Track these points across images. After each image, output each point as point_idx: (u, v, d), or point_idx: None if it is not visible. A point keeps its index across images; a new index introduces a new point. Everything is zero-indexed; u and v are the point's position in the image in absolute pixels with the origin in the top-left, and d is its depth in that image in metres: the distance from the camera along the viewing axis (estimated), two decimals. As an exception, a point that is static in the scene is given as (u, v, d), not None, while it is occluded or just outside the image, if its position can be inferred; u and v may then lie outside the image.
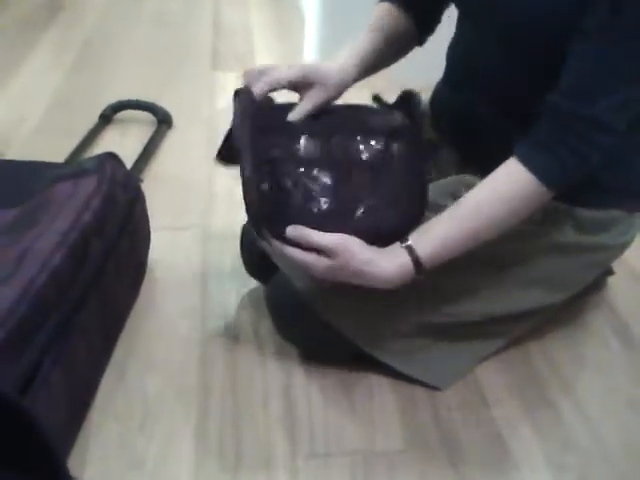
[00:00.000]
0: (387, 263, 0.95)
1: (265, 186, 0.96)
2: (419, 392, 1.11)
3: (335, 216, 0.95)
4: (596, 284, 1.28)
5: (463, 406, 1.09)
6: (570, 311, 1.27)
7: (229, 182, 1.61)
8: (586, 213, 1.08)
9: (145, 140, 1.71)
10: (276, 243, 0.97)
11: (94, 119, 1.80)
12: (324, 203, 0.95)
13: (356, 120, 1.03)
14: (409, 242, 0.95)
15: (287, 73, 1.01)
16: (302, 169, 0.96)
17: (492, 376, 1.15)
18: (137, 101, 1.85)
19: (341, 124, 1.01)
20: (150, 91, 1.94)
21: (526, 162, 0.93)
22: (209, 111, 1.92)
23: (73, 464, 0.95)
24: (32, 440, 0.61)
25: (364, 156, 0.98)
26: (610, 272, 1.31)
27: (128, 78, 2.07)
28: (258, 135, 0.97)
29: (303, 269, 0.97)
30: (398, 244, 0.96)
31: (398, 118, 1.03)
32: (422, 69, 1.41)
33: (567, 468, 1.01)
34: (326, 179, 0.96)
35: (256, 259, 1.22)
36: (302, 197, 0.95)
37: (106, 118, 1.80)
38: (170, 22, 2.53)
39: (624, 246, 1.16)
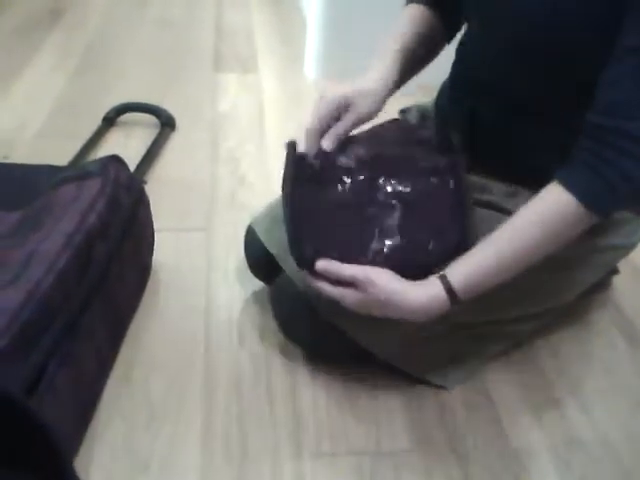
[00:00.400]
0: (418, 293, 0.92)
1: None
2: (425, 391, 1.11)
3: (363, 249, 0.96)
4: (602, 283, 1.28)
5: (469, 406, 1.09)
6: (576, 310, 1.27)
7: (232, 183, 1.61)
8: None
9: (148, 143, 1.71)
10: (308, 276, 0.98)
11: (97, 122, 1.80)
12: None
13: (400, 159, 1.05)
14: (443, 272, 0.93)
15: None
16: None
17: (498, 375, 1.15)
18: (140, 104, 1.86)
19: (385, 165, 1.04)
20: (153, 94, 1.95)
21: (565, 182, 0.89)
22: (212, 113, 1.92)
23: (79, 465, 0.95)
24: (39, 441, 0.61)
25: (404, 191, 1.00)
26: (615, 271, 1.31)
27: (131, 81, 2.07)
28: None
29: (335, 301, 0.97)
30: (433, 276, 0.94)
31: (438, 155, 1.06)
32: (428, 69, 1.41)
33: (572, 466, 1.01)
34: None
35: (260, 260, 1.21)
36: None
37: (109, 121, 1.81)
38: (172, 25, 2.53)
39: (632, 247, 1.16)
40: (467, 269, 0.93)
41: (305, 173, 1.03)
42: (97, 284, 1.01)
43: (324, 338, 1.10)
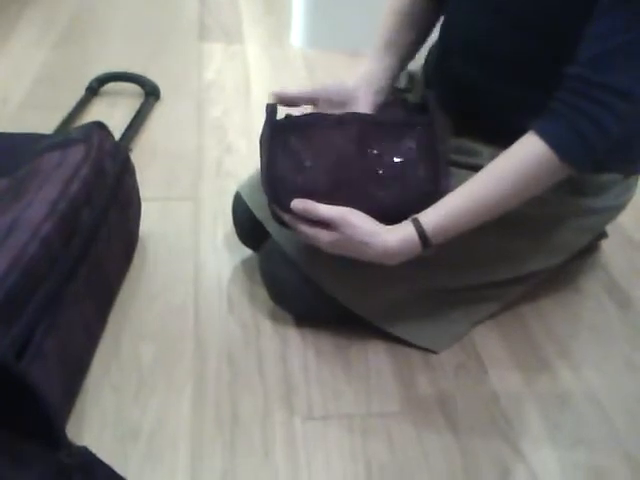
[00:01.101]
0: (391, 236, 0.93)
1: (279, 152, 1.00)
2: (415, 355, 1.11)
3: (343, 191, 0.97)
4: (590, 248, 1.28)
5: (459, 368, 1.10)
6: (564, 274, 1.27)
7: (219, 152, 1.60)
8: (582, 176, 1.07)
9: (133, 112, 1.69)
10: (286, 215, 0.98)
11: (81, 93, 1.77)
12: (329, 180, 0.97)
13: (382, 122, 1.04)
14: (416, 215, 0.94)
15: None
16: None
17: (488, 339, 1.15)
18: (124, 73, 1.83)
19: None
20: (137, 64, 1.92)
21: (540, 132, 0.90)
22: (197, 82, 1.90)
23: (69, 434, 0.94)
24: (29, 404, 0.60)
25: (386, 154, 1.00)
26: (604, 235, 1.31)
27: (114, 51, 2.04)
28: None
29: (310, 242, 0.97)
30: (406, 220, 0.94)
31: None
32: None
33: (563, 426, 1.02)
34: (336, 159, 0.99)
35: (248, 226, 1.21)
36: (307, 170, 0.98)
37: (92, 91, 1.78)
38: (155, -5, 2.49)
39: (619, 209, 1.16)
40: (439, 212, 0.93)
41: (285, 126, 1.01)
42: (83, 251, 1.00)
43: (313, 303, 1.10)
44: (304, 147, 1.00)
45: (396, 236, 0.93)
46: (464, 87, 1.07)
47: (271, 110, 1.03)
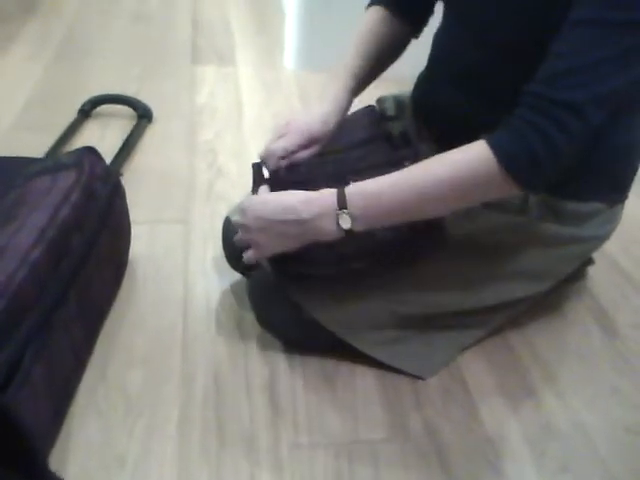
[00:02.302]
0: (295, 193, 0.97)
1: None
2: (402, 381, 1.11)
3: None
4: (577, 274, 1.29)
5: (446, 394, 1.10)
6: (551, 301, 1.28)
7: (210, 175, 1.61)
8: (567, 205, 1.08)
9: (125, 135, 1.70)
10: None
11: (73, 115, 1.78)
12: None
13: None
14: None
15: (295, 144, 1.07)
16: None
17: (474, 365, 1.16)
18: (116, 95, 1.84)
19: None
20: (129, 86, 1.93)
21: (489, 140, 0.88)
22: (189, 105, 1.91)
23: (55, 461, 0.94)
24: (12, 436, 0.60)
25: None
26: (590, 262, 1.32)
27: (107, 73, 2.06)
28: None
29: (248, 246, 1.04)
30: None
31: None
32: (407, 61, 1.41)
33: (548, 454, 1.02)
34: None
35: (238, 252, 1.21)
36: None
37: (85, 113, 1.79)
38: (149, 17, 2.51)
39: (604, 238, 1.17)
40: (366, 182, 0.93)
41: (274, 183, 1.05)
42: (73, 277, 1.01)
43: (301, 329, 1.11)
44: None
45: (303, 194, 0.96)
46: (452, 114, 1.09)
47: (257, 169, 1.08)
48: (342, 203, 0.92)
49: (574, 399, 1.12)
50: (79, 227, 1.06)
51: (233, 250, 1.24)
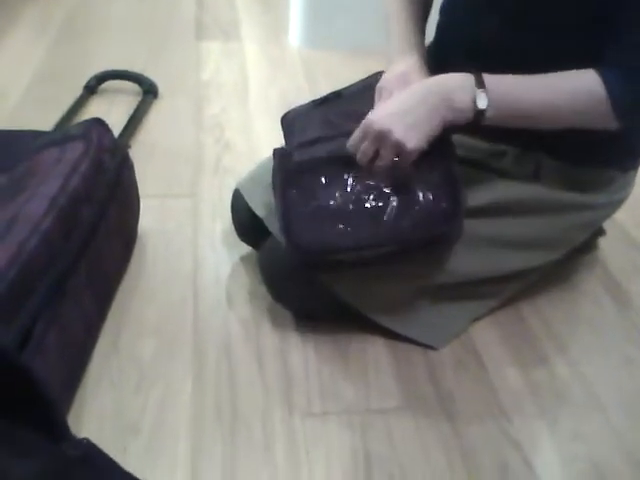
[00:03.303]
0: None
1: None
2: (414, 351, 1.11)
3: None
4: (588, 245, 1.28)
5: (458, 364, 1.10)
6: (562, 271, 1.28)
7: (217, 150, 1.60)
8: (581, 172, 1.08)
9: (131, 110, 1.69)
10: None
11: (79, 91, 1.77)
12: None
13: None
14: None
15: None
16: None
17: (486, 335, 1.16)
18: (122, 71, 1.83)
19: None
20: (135, 63, 1.92)
21: (600, 72, 0.93)
22: (195, 81, 1.90)
23: (69, 429, 0.95)
24: (31, 396, 0.60)
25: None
26: (602, 233, 1.31)
27: (112, 50, 2.04)
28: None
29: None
30: None
31: None
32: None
33: (561, 421, 1.02)
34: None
35: (247, 224, 1.21)
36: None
37: (91, 89, 1.78)
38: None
39: (617, 204, 1.16)
40: (502, 76, 0.96)
41: (294, 176, 1.05)
42: (83, 246, 1.00)
43: (313, 299, 1.10)
44: (318, 186, 1.03)
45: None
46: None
47: (280, 154, 1.07)
48: (480, 84, 0.94)
49: (587, 369, 1.11)
50: (88, 198, 1.05)
51: (242, 223, 1.24)
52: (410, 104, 0.97)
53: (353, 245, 1.00)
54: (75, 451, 0.58)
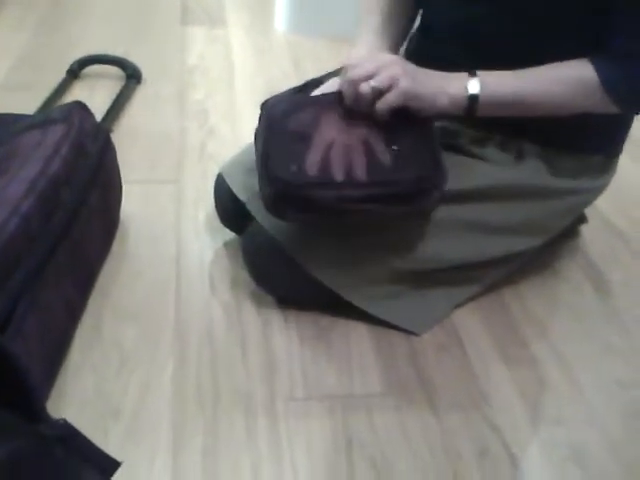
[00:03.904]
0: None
1: None
2: (396, 336, 1.11)
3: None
4: (569, 232, 1.29)
5: (440, 349, 1.10)
6: (544, 259, 1.29)
7: (201, 135, 1.59)
8: (563, 157, 1.08)
9: (114, 95, 1.68)
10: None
11: (62, 76, 1.76)
12: None
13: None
14: None
15: None
16: None
17: (468, 321, 1.16)
18: (105, 56, 1.81)
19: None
20: (119, 47, 1.90)
21: (592, 60, 0.95)
22: (179, 66, 1.88)
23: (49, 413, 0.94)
24: (7, 376, 0.60)
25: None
26: (583, 220, 1.32)
27: (96, 35, 2.02)
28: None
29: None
30: None
31: None
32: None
33: (541, 406, 1.03)
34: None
35: (230, 209, 1.20)
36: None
37: (73, 73, 1.76)
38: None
39: (599, 190, 1.17)
40: (492, 74, 0.98)
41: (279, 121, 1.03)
42: (63, 230, 0.99)
43: (295, 284, 1.10)
44: (306, 125, 1.01)
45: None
46: (448, 68, 1.07)
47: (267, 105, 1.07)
48: (472, 74, 0.98)
49: (567, 354, 1.12)
50: (68, 181, 1.04)
51: (225, 208, 1.23)
52: (423, 73, 0.99)
53: (330, 180, 0.97)
54: (52, 431, 0.58)
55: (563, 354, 1.12)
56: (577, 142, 1.06)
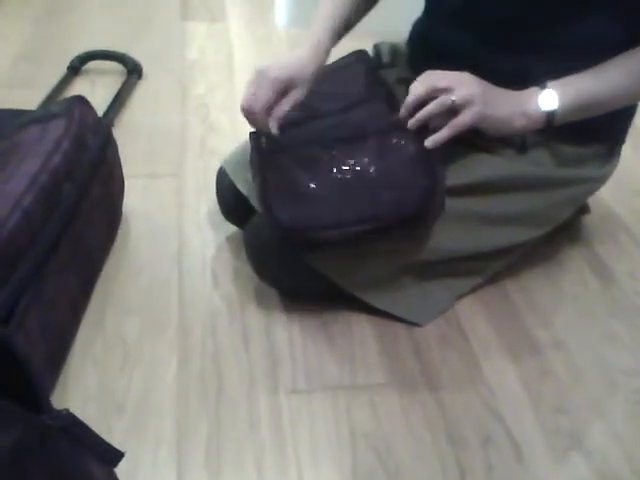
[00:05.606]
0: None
1: None
2: (399, 328, 1.11)
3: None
4: (572, 222, 1.29)
5: (442, 340, 1.10)
6: (546, 249, 1.28)
7: (202, 130, 1.59)
8: (566, 147, 1.08)
9: (115, 91, 1.67)
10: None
11: (63, 72, 1.75)
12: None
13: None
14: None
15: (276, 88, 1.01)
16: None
17: (471, 312, 1.16)
18: (105, 51, 1.81)
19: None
20: (119, 42, 1.89)
21: None
22: (180, 61, 1.88)
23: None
24: (10, 368, 0.60)
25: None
26: (586, 210, 1.32)
27: (96, 30, 2.01)
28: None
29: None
30: None
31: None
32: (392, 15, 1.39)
33: (544, 395, 1.03)
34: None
35: (232, 203, 1.20)
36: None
37: (74, 69, 1.76)
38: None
39: (603, 179, 1.16)
40: (563, 81, 0.98)
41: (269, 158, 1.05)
42: (65, 225, 0.99)
43: (298, 277, 1.10)
44: (296, 166, 1.02)
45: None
46: (450, 57, 1.07)
47: (255, 137, 1.07)
48: (542, 86, 0.97)
49: (569, 343, 1.12)
50: (70, 176, 1.04)
51: (227, 202, 1.23)
52: (499, 94, 0.98)
53: (334, 221, 0.98)
54: (56, 421, 0.58)
55: (566, 344, 1.12)
56: (580, 132, 1.06)
